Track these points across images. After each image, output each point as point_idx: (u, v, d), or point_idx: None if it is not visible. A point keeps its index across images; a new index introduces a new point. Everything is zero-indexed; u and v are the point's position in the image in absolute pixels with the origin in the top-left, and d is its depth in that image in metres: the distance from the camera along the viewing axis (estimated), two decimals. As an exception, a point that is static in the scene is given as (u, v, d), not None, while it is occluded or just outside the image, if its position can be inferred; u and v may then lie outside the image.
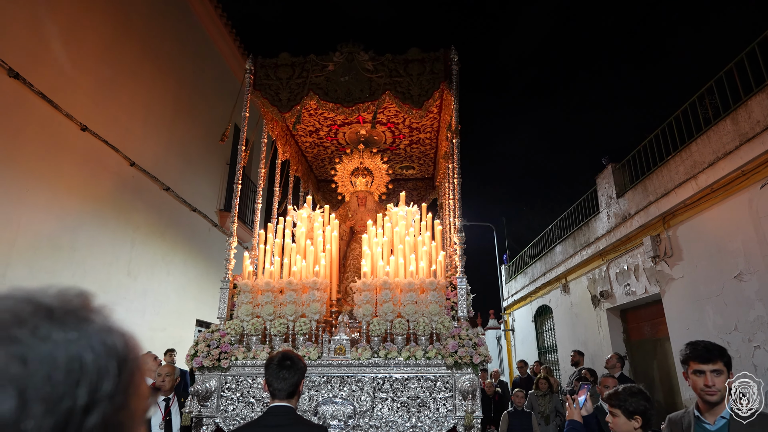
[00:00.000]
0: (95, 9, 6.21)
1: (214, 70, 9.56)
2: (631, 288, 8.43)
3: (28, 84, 5.07)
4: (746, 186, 5.72)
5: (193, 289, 8.39)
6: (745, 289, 5.81)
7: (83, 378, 0.35)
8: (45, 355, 0.34)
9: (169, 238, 7.81)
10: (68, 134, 5.70)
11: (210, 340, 3.46)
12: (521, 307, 14.61)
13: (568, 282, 11.07)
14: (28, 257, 5.05)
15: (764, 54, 5.50)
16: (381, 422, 3.27)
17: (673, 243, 7.16)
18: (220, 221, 9.35)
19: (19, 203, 4.98)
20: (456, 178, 4.05)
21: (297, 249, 4.10)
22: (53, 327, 0.36)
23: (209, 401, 3.37)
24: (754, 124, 5.48)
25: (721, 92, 6.15)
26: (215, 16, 9.31)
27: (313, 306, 3.62)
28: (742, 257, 5.84)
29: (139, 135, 7.12)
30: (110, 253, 6.38)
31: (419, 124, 5.12)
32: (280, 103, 4.20)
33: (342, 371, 3.40)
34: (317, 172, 6.15)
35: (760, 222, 5.52)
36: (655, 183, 7.50)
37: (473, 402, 3.23)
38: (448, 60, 4.20)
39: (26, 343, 0.34)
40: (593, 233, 9.64)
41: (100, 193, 6.26)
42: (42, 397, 0.33)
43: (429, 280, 3.69)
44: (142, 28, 7.35)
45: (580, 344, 9.80)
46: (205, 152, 8.92)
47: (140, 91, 7.17)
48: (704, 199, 6.41)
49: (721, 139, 6.03)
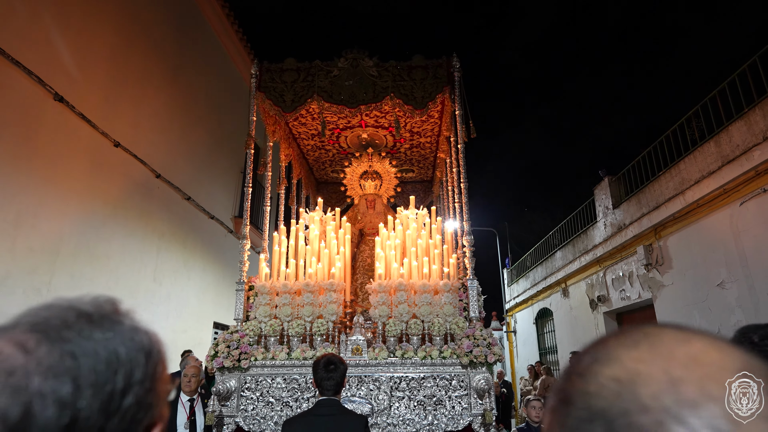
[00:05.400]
0: (105, 20, 5.94)
1: (226, 80, 9.39)
2: (626, 293, 8.38)
3: (71, 106, 5.14)
4: (728, 203, 5.84)
5: (211, 292, 8.26)
6: (727, 296, 5.93)
7: (120, 368, 0.41)
8: (90, 351, 0.40)
9: (189, 245, 7.69)
10: (104, 151, 5.74)
11: (230, 341, 3.29)
12: (523, 309, 14.33)
13: (567, 286, 10.85)
14: (70, 266, 5.07)
15: (744, 83, 5.64)
16: (398, 420, 3.08)
17: (664, 252, 7.21)
18: (234, 227, 9.22)
19: (62, 216, 5.02)
20: (462, 183, 3.90)
21: (311, 251, 3.93)
22: (94, 329, 0.42)
23: (229, 401, 3.19)
24: (735, 147, 5.62)
25: (706, 116, 6.29)
26: (228, 25, 9.07)
27: (330, 307, 3.45)
28: (724, 267, 5.96)
29: (162, 147, 7.05)
30: (138, 260, 6.34)
31: (420, 129, 4.94)
32: (284, 104, 4.03)
33: (359, 371, 3.22)
34: (317, 174, 5.96)
35: (740, 236, 5.68)
36: (647, 196, 7.54)
37: (489, 400, 3.03)
38: (451, 67, 4.07)
39: (75, 342, 0.40)
40: (591, 241, 9.51)
41: (130, 204, 6.23)
42: (90, 383, 0.39)
43: (443, 282, 3.52)
44: (160, 43, 7.31)
45: (579, 346, 9.49)
46: (219, 160, 8.81)
47: (160, 104, 7.10)
48: (691, 213, 6.51)
49: (705, 159, 6.16)
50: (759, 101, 5.31)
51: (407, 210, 4.24)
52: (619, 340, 0.36)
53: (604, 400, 0.32)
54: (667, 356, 0.32)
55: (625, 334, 0.36)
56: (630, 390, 0.31)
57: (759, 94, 5.36)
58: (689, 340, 0.33)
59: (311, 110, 4.48)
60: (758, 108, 5.31)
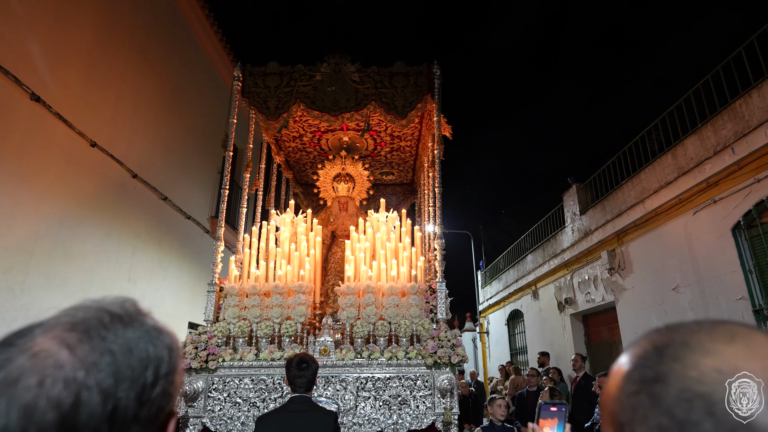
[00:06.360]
0: (82, 18, 5.77)
1: (206, 80, 9.24)
2: (591, 296, 8.60)
3: (47, 106, 5.02)
4: (683, 212, 6.11)
5: (186, 293, 8.13)
6: (681, 300, 6.18)
7: (149, 364, 0.46)
8: (125, 349, 0.45)
9: (165, 245, 7.56)
10: (80, 151, 5.62)
11: (197, 342, 3.27)
12: (496, 311, 14.56)
13: (537, 289, 11.08)
14: (45, 265, 4.96)
15: (698, 101, 5.90)
16: (364, 420, 3.12)
17: (625, 257, 7.45)
18: (211, 228, 9.08)
19: (37, 216, 4.90)
20: (437, 187, 3.96)
21: (282, 253, 3.94)
22: (126, 328, 0.47)
23: (196, 402, 3.17)
24: (689, 160, 5.90)
25: (665, 130, 6.58)
26: (207, 25, 8.90)
27: (299, 309, 3.46)
28: (679, 272, 6.21)
29: (139, 147, 6.91)
30: (114, 260, 6.23)
31: (401, 133, 4.99)
32: (268, 110, 4.03)
33: (327, 371, 3.25)
34: (298, 176, 5.96)
35: (693, 243, 5.94)
36: (611, 204, 7.78)
37: (451, 399, 3.10)
38: (431, 74, 4.12)
39: (111, 341, 0.45)
40: (560, 245, 9.74)
41: (105, 204, 6.12)
42: (126, 377, 0.44)
43: (410, 285, 3.58)
44: (138, 42, 7.18)
45: (548, 346, 9.78)
46: (197, 161, 8.67)
47: (137, 103, 6.94)
48: (650, 221, 6.76)
49: (664, 170, 6.42)
50: (711, 118, 5.59)
51: (378, 213, 4.29)
52: (711, 334, 0.40)
53: (706, 386, 0.36)
54: (764, 356, 0.37)
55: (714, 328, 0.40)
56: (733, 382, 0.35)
57: (711, 111, 5.64)
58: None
59: (294, 114, 4.49)
60: (710, 124, 5.59)
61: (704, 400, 0.36)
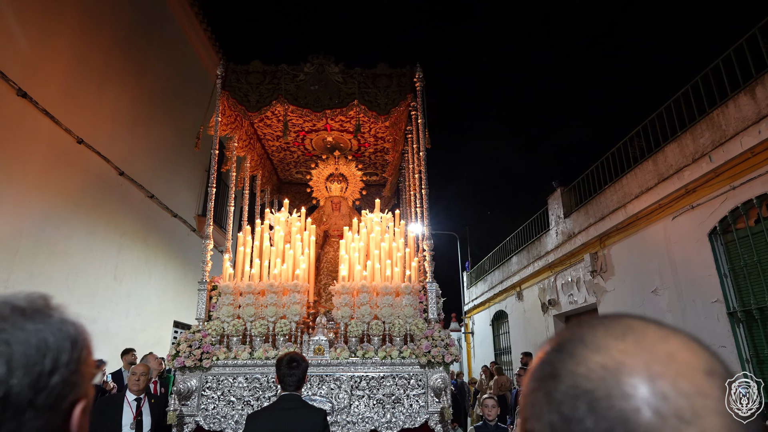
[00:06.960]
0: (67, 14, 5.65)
1: (194, 77, 9.13)
2: (573, 297, 8.74)
3: (34, 102, 4.93)
4: (662, 217, 6.26)
5: (172, 291, 7.98)
6: (659, 302, 6.32)
7: (48, 352, 0.48)
8: (22, 339, 0.47)
9: (151, 243, 7.41)
10: (65, 147, 5.49)
11: (192, 341, 3.22)
12: (481, 311, 14.69)
13: (522, 290, 11.22)
14: (29, 263, 4.87)
15: (678, 109, 6.08)
16: (358, 418, 3.12)
17: (607, 260, 7.59)
18: (198, 226, 8.95)
19: (21, 213, 4.80)
20: (424, 189, 3.98)
21: (276, 252, 3.91)
22: (26, 320, 0.48)
23: (190, 400, 3.12)
24: (669, 166, 6.06)
25: (647, 136, 6.74)
26: (196, 22, 8.81)
27: (294, 308, 3.45)
28: (658, 275, 6.35)
29: (125, 144, 6.77)
30: (99, 258, 6.10)
31: (384, 134, 4.98)
32: (249, 103, 3.97)
33: (321, 370, 3.24)
34: (282, 175, 5.88)
35: (671, 247, 6.10)
36: (594, 207, 7.92)
37: (446, 398, 3.13)
38: (414, 77, 4.14)
39: (9, 332, 0.46)
40: (544, 248, 9.88)
41: (91, 201, 5.98)
42: (21, 365, 0.45)
43: (404, 285, 3.60)
44: (124, 39, 7.03)
45: (531, 346, 9.91)
46: (184, 158, 8.52)
47: (124, 100, 6.81)
48: (631, 225, 6.91)
49: (645, 176, 6.58)
50: (690, 126, 5.78)
51: (372, 213, 4.30)
52: (608, 329, 0.39)
53: (591, 382, 0.36)
54: (649, 351, 0.36)
55: (613, 323, 0.40)
56: (614, 378, 0.35)
57: (690, 120, 5.83)
58: (668, 338, 0.38)
59: (276, 112, 4.42)
60: (689, 132, 5.78)
61: (588, 396, 0.35)
